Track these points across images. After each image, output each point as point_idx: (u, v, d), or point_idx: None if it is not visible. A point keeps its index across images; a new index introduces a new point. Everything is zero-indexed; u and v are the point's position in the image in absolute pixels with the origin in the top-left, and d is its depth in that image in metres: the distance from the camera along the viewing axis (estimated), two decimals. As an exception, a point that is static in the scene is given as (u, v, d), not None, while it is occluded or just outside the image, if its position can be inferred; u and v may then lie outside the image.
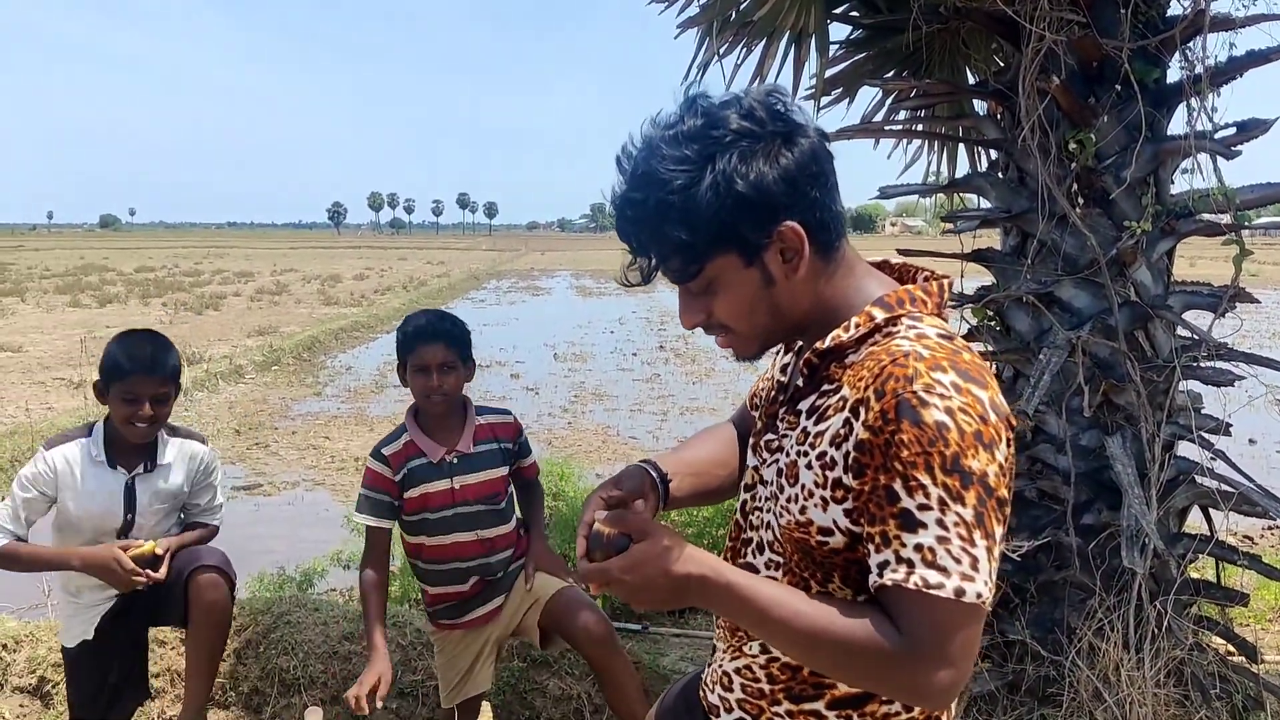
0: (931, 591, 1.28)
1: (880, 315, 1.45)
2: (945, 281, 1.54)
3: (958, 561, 1.29)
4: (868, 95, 5.50)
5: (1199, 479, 3.58)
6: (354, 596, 5.70)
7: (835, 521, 1.41)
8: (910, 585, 1.30)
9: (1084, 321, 3.57)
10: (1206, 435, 3.60)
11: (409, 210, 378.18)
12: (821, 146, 1.46)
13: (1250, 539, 6.97)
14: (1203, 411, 3.68)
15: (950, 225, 4.05)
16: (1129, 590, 3.37)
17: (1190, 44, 3.59)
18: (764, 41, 4.53)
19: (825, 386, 1.48)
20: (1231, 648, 3.74)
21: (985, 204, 4.05)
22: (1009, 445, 1.36)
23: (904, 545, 1.31)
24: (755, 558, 1.61)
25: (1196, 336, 3.56)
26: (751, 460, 1.67)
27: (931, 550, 1.29)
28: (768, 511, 1.57)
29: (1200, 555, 3.52)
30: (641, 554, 1.41)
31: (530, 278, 46.65)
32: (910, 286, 1.50)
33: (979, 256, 3.85)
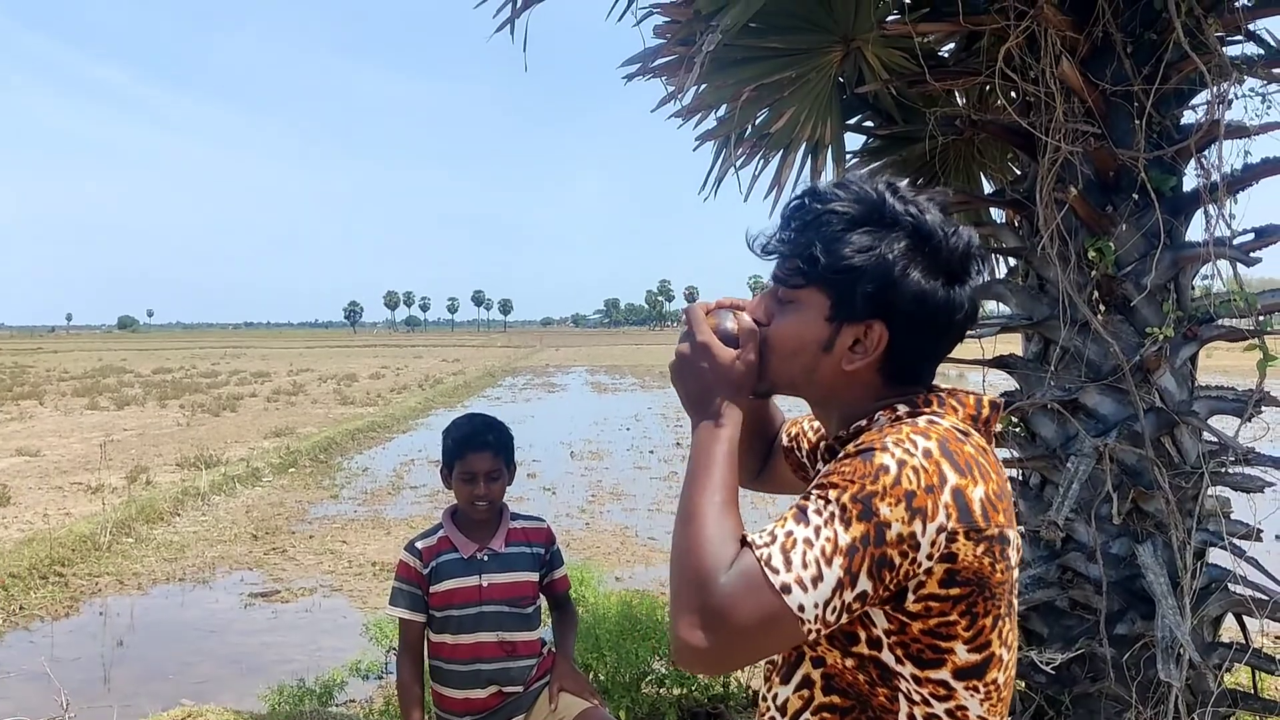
0: (765, 570, 1.28)
1: (903, 409, 1.45)
2: (989, 399, 1.50)
3: (804, 567, 1.27)
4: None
5: (1231, 587, 3.53)
6: (374, 710, 5.62)
7: None
8: (758, 553, 1.29)
9: (1110, 428, 3.56)
10: (1237, 541, 3.56)
11: (424, 308, 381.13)
12: (968, 310, 1.47)
13: (1281, 641, 6.80)
14: (1232, 517, 3.64)
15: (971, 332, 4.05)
16: (1165, 703, 3.31)
17: (1205, 152, 3.63)
18: (781, 153, 4.61)
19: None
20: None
21: (1005, 310, 4.06)
22: (951, 543, 1.31)
23: (781, 526, 1.31)
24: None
25: (1223, 442, 3.54)
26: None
27: (793, 541, 1.29)
28: None
29: (1237, 665, 3.46)
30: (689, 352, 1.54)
31: (545, 374, 46.83)
32: (943, 393, 1.49)
33: (1001, 363, 3.86)
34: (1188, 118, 3.79)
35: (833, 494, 1.31)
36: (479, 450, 3.34)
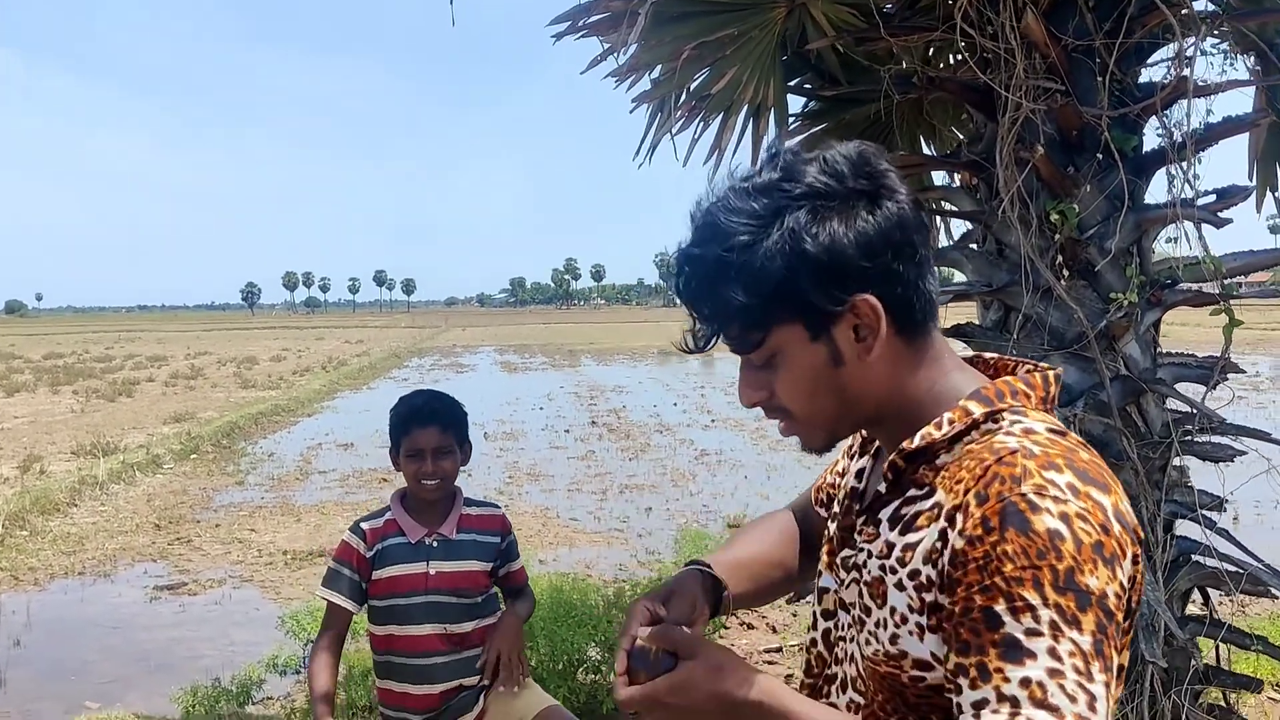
0: None
1: (978, 410, 1.25)
2: (1051, 374, 1.33)
3: (1073, 700, 1.05)
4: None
5: (1202, 560, 3.44)
6: (295, 708, 5.32)
7: (934, 654, 1.20)
8: None
9: (1075, 398, 3.43)
10: (1207, 513, 3.46)
11: (325, 289, 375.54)
12: (914, 215, 1.27)
13: (1244, 611, 6.77)
14: (1197, 489, 3.54)
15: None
16: (1141, 681, 3.19)
17: (1167, 111, 3.51)
18: (721, 116, 4.41)
19: (912, 491, 1.28)
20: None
21: (960, 277, 3.92)
22: (1135, 563, 1.16)
23: (1007, 680, 1.07)
24: (838, 697, 1.39)
25: (1195, 409, 3.43)
26: (828, 581, 1.45)
27: (1042, 686, 1.05)
28: (851, 641, 1.36)
29: (1215, 640, 3.36)
30: (690, 675, 1.23)
31: (453, 354, 46.22)
32: (1009, 378, 1.30)
33: (959, 332, 3.70)
34: (1144, 76, 3.68)
35: (1029, 596, 1.08)
36: (425, 425, 3.12)
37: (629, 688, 1.27)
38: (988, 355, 1.45)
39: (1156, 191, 3.65)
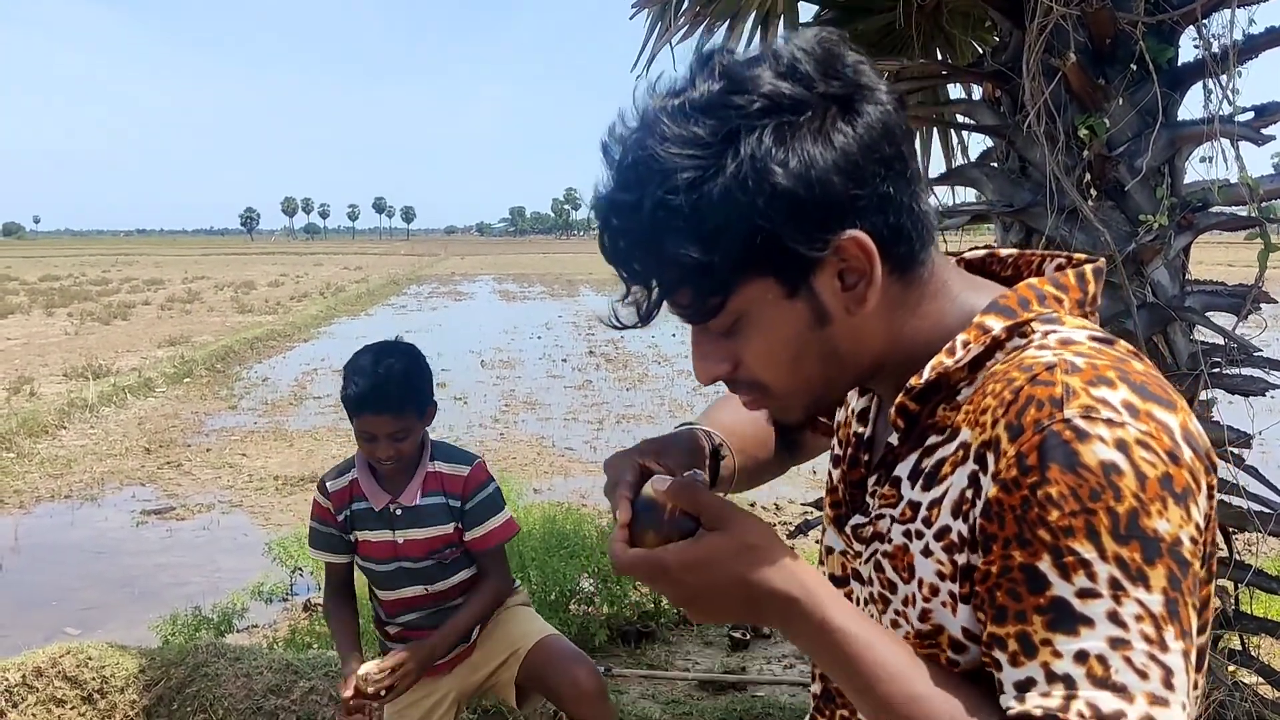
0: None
1: (997, 325, 1.01)
2: (1089, 268, 1.08)
3: (1143, 676, 0.83)
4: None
5: (1226, 498, 3.25)
6: (278, 638, 5.19)
7: (966, 629, 0.98)
8: (1072, 716, 0.84)
9: (1100, 325, 3.22)
10: (1235, 450, 3.27)
11: (324, 215, 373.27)
12: (898, 117, 1.01)
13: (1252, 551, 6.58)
14: (1225, 425, 3.35)
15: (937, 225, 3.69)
16: (1161, 626, 3.02)
17: (1207, 20, 3.26)
18: (727, 23, 4.16)
19: (932, 439, 1.03)
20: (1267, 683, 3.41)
21: (977, 197, 3.69)
22: (1211, 497, 0.93)
23: (1059, 655, 0.85)
24: None
25: (1226, 339, 3.23)
26: (833, 540, 1.22)
27: (1103, 660, 0.83)
28: (884, 617, 1.11)
29: (1237, 584, 3.19)
30: (714, 548, 0.97)
31: (451, 282, 45.94)
32: (1035, 281, 1.05)
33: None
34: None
35: (1082, 549, 0.86)
36: (376, 413, 2.78)
37: (631, 550, 1.01)
38: (1003, 251, 1.19)
39: (1191, 107, 3.42)
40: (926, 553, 1.01)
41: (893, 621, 1.07)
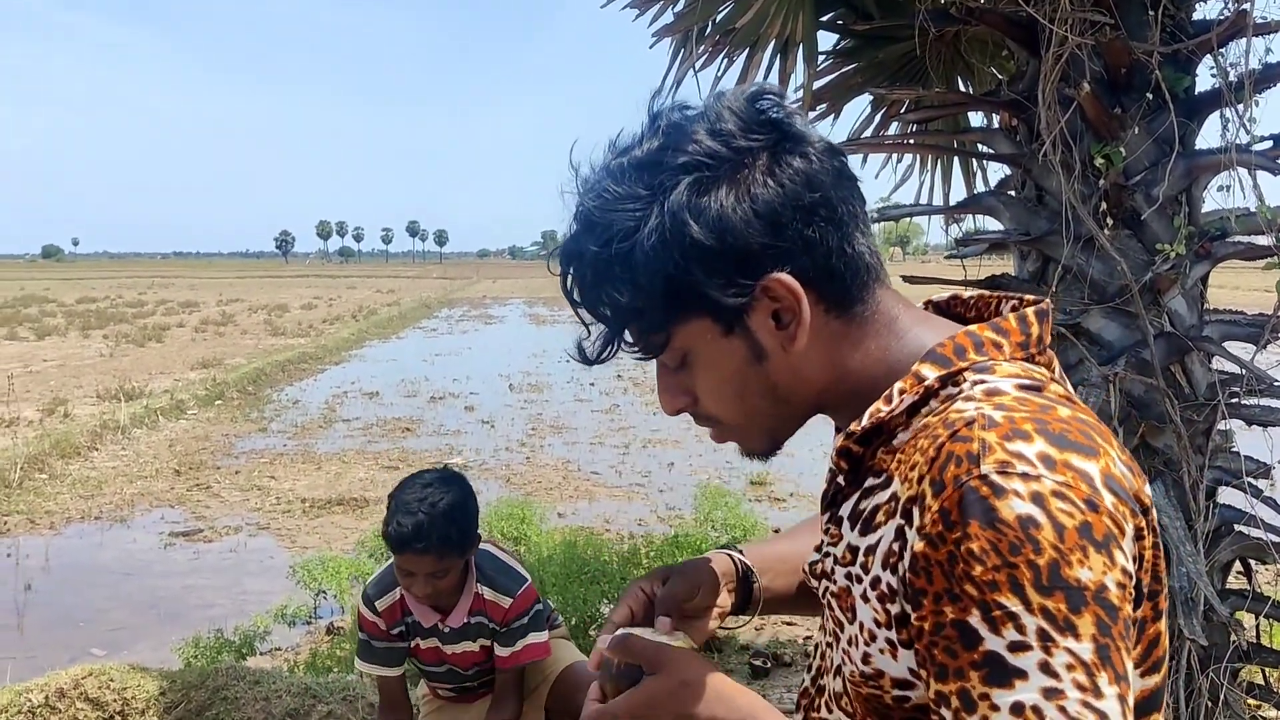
0: None
1: (931, 374, 1.03)
2: (1031, 311, 1.09)
3: None
4: (852, 112, 5.18)
5: (1245, 529, 3.22)
6: (299, 661, 5.21)
7: (912, 670, 0.99)
8: None
9: (1116, 355, 3.21)
10: (1252, 480, 3.25)
11: (358, 238, 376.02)
12: (827, 165, 1.07)
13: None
14: (1243, 455, 3.32)
15: (953, 252, 3.69)
16: (1178, 658, 3.00)
17: (1224, 49, 3.26)
18: (746, 51, 4.18)
19: (870, 481, 1.06)
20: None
21: (994, 225, 3.69)
22: (1140, 538, 0.94)
23: (996, 708, 0.87)
24: (827, 713, 1.17)
25: (1241, 370, 3.20)
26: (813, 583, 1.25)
27: (1038, 711, 0.85)
28: (835, 650, 1.14)
29: (1256, 616, 3.16)
30: (653, 691, 1.08)
31: (482, 305, 46.16)
32: (975, 328, 1.07)
33: (994, 284, 3.48)
34: (1199, 12, 3.42)
35: (1007, 602, 0.87)
36: (419, 555, 2.73)
37: (591, 706, 1.12)
38: (967, 294, 1.22)
39: (1209, 136, 3.41)
40: (864, 599, 1.03)
41: (842, 659, 1.10)
